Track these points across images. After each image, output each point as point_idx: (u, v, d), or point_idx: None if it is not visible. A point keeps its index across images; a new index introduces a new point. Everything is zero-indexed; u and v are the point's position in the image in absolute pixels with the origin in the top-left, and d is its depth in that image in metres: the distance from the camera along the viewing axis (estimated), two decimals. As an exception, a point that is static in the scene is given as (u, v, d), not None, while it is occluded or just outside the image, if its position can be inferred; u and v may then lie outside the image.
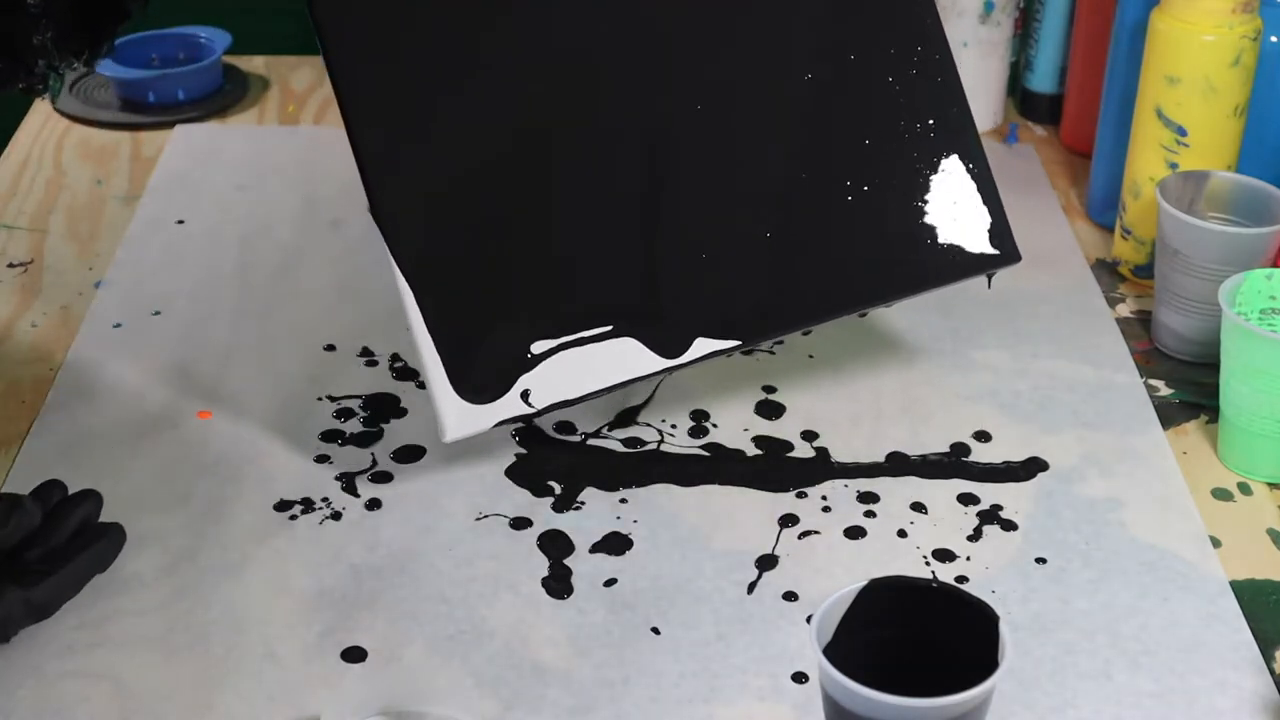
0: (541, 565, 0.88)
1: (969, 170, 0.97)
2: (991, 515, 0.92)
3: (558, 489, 0.93)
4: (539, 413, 0.90)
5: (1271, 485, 0.95)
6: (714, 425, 0.99)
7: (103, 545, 0.86)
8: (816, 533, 0.90)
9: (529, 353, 0.90)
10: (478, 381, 0.89)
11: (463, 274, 0.90)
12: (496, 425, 0.89)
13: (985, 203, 0.98)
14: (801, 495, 0.93)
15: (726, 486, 0.94)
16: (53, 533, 0.85)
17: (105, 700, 0.79)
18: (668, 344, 0.91)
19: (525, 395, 0.89)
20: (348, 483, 0.94)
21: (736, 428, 0.99)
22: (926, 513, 0.92)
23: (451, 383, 0.88)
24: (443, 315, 0.89)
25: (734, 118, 0.94)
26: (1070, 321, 1.10)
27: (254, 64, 1.47)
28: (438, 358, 0.88)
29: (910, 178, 0.96)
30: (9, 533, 0.83)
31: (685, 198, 0.92)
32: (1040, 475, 0.95)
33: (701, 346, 0.92)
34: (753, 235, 0.93)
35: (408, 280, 0.88)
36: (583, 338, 0.90)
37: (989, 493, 0.93)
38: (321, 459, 0.96)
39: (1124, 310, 1.12)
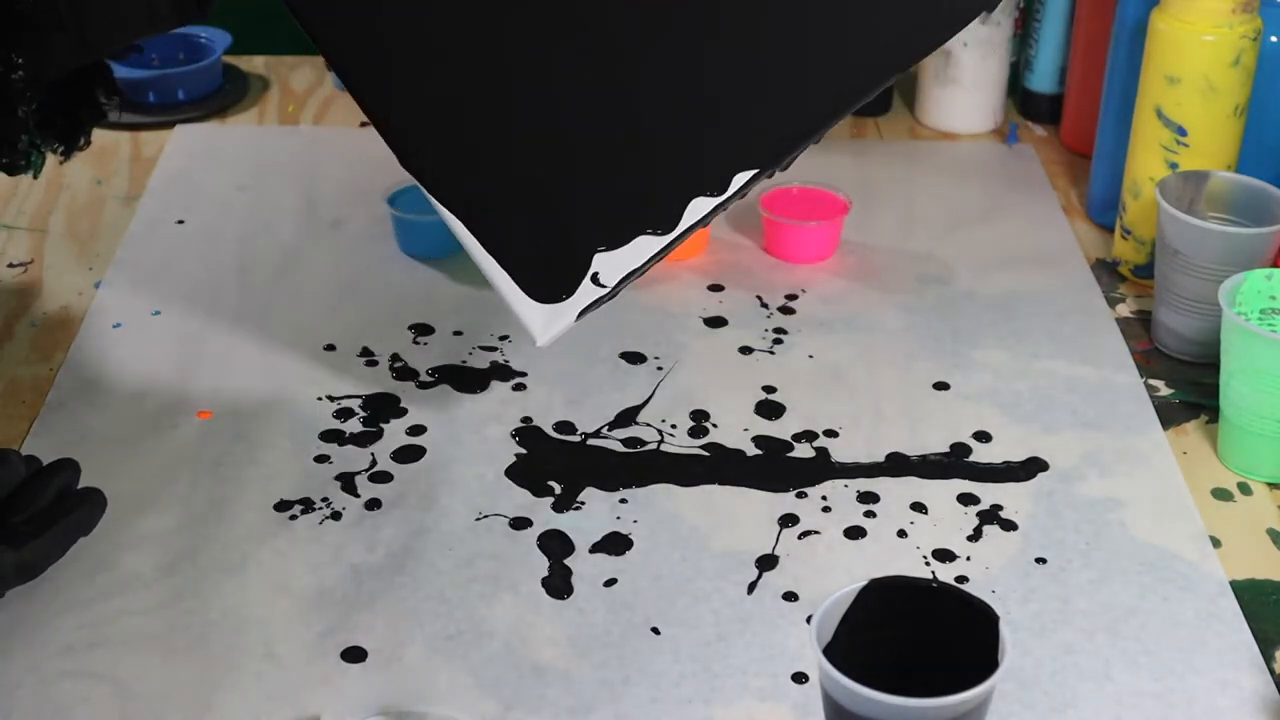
0: (541, 565, 0.88)
1: None
2: (991, 515, 0.92)
3: (558, 489, 0.93)
4: (614, 289, 0.89)
5: (1271, 485, 0.95)
6: (714, 425, 0.99)
7: (86, 509, 0.87)
8: (816, 533, 0.90)
9: (585, 242, 0.89)
10: (548, 285, 0.89)
11: (500, 191, 0.89)
12: (580, 315, 0.89)
13: None
14: (801, 495, 0.93)
15: (726, 486, 0.94)
16: (35, 498, 0.87)
17: (105, 700, 0.79)
18: (710, 182, 0.90)
19: (595, 278, 0.89)
20: (347, 483, 0.94)
21: (736, 428, 0.99)
22: (926, 513, 0.92)
23: (526, 292, 0.89)
24: (495, 235, 0.89)
25: None
26: (1070, 321, 1.10)
27: (254, 64, 1.48)
28: (505, 274, 0.89)
29: None
30: None
31: (672, 50, 0.91)
32: (1040, 475, 0.95)
33: (740, 178, 0.90)
34: (749, 57, 0.91)
35: (454, 213, 0.88)
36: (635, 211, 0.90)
37: (989, 493, 0.93)
38: (321, 459, 0.96)
39: (1124, 310, 1.12)
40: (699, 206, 0.89)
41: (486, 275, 0.89)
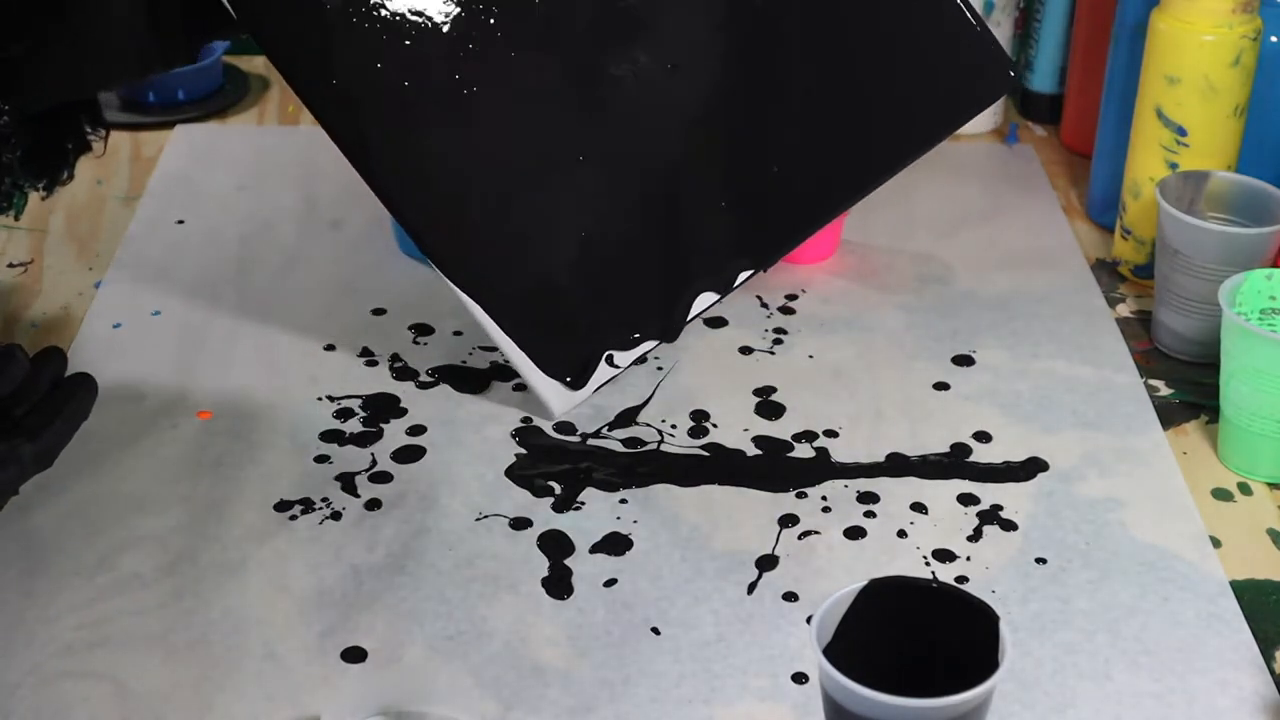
0: (541, 565, 0.88)
1: (944, 9, 0.97)
2: (991, 515, 0.92)
3: (558, 489, 0.93)
4: (626, 367, 0.98)
5: (1271, 485, 0.95)
6: (714, 425, 0.99)
7: (82, 395, 0.89)
8: (816, 533, 0.90)
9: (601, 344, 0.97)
10: (568, 371, 0.97)
11: (526, 295, 0.95)
12: (594, 391, 0.98)
13: (967, 36, 0.97)
14: (801, 495, 0.93)
15: (726, 486, 0.94)
16: (32, 390, 0.88)
17: (105, 700, 0.79)
18: (716, 283, 0.98)
19: (610, 359, 0.97)
20: (347, 483, 0.94)
21: (736, 428, 0.99)
22: (926, 513, 0.92)
23: (548, 374, 0.96)
24: (519, 328, 0.95)
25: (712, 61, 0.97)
26: (1070, 321, 1.10)
27: (254, 64, 1.47)
28: (528, 360, 0.96)
29: (886, 44, 0.98)
30: (4, 382, 0.87)
31: (683, 141, 0.97)
32: (1040, 475, 0.95)
33: (744, 274, 0.99)
34: (758, 150, 0.98)
35: (483, 307, 0.94)
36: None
37: (989, 493, 0.93)
38: (321, 459, 0.96)
39: (1124, 310, 1.12)
40: (701, 301, 0.98)
41: (506, 355, 0.96)
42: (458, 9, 0.91)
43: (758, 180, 0.98)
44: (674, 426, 0.99)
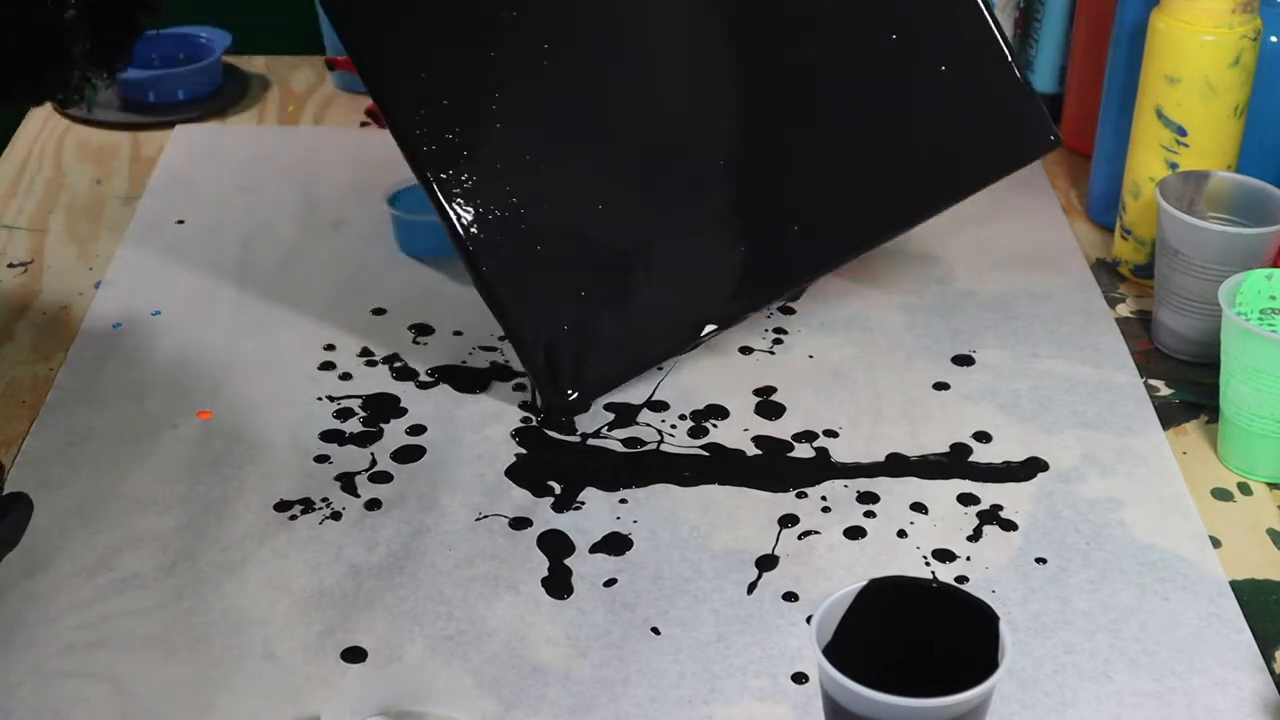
0: (541, 565, 0.88)
1: (996, 65, 1.00)
2: (991, 515, 0.92)
3: (558, 489, 0.93)
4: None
5: (1271, 485, 0.95)
6: (714, 425, 0.99)
7: (12, 519, 0.81)
8: (816, 533, 0.90)
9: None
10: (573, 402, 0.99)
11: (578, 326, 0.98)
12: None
13: (1015, 95, 1.01)
14: (801, 495, 0.93)
15: (726, 486, 0.94)
16: None
17: (105, 700, 0.79)
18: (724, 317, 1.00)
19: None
20: (347, 483, 0.94)
21: (736, 428, 0.99)
22: (926, 513, 0.92)
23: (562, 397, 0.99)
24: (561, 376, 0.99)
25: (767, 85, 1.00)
26: (1070, 321, 1.10)
27: (254, 64, 1.47)
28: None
29: (937, 89, 1.00)
30: None
31: (724, 163, 0.99)
32: (1040, 475, 0.95)
33: (752, 312, 1.01)
34: (801, 179, 1.00)
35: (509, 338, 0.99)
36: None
37: (989, 493, 0.93)
38: (321, 459, 0.96)
39: (1124, 310, 1.12)
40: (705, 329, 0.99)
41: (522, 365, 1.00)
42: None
43: (786, 215, 1.00)
44: (674, 426, 0.99)
